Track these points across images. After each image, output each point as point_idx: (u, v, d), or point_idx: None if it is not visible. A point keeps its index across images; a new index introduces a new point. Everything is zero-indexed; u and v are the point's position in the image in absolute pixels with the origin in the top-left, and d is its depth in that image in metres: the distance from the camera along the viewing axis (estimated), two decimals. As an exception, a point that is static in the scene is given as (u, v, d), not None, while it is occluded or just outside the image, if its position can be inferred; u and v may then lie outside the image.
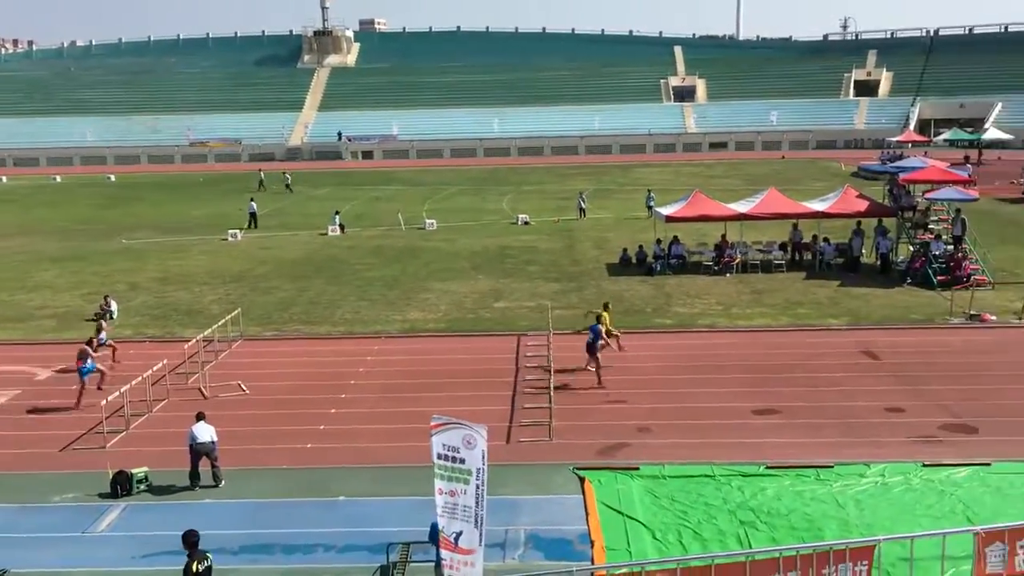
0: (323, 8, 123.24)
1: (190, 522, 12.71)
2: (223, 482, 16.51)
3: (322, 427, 19.46)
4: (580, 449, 17.77)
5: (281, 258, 40.07)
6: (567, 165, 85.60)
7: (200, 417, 16.90)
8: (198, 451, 16.48)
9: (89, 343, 22.76)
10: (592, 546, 13.68)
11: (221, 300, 31.56)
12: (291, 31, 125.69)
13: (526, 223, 48.58)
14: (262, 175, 70.38)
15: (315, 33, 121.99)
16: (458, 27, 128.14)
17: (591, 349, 21.86)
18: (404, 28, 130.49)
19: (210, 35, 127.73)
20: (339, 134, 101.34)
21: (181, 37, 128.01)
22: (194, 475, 16.51)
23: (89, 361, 21.25)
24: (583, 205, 51.05)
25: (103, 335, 24.62)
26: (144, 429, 19.67)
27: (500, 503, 15.06)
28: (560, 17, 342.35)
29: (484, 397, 20.90)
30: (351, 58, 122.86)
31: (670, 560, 11.15)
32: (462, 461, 10.57)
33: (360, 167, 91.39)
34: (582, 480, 16.02)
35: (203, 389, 21.67)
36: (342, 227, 47.26)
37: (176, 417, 19.62)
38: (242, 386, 21.96)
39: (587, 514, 14.73)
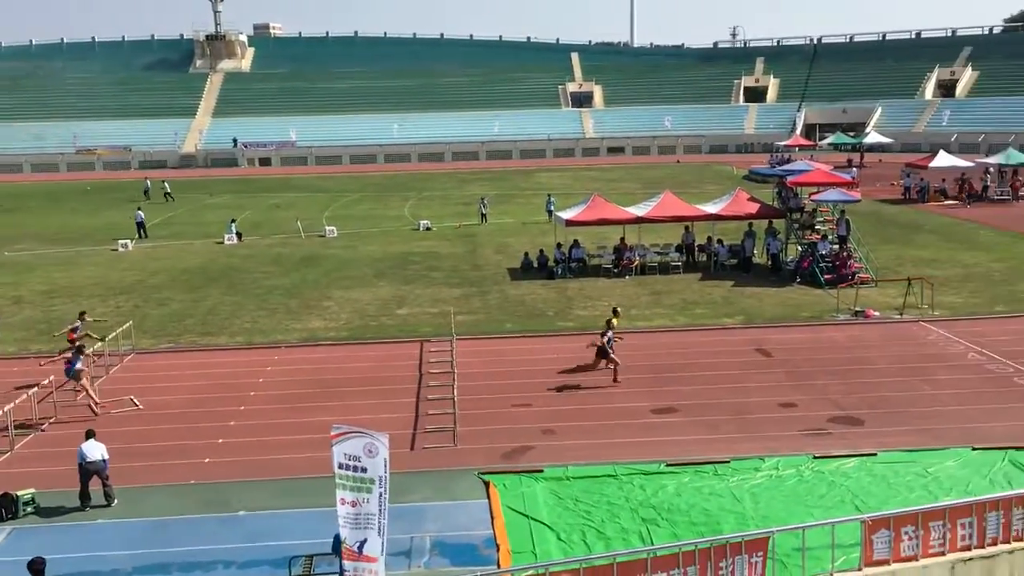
0: (215, 12, 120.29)
1: (81, 544, 12.22)
2: (115, 501, 15.92)
3: (220, 440, 18.98)
4: (485, 453, 17.80)
5: (175, 268, 38.91)
6: (468, 170, 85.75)
7: (90, 435, 16.27)
8: (88, 470, 15.85)
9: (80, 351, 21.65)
10: (498, 550, 13.77)
11: (112, 313, 30.43)
12: (182, 35, 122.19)
13: (428, 229, 48.44)
14: (148, 183, 68.12)
15: (207, 37, 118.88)
16: (355, 32, 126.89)
17: (605, 353, 22.20)
18: (300, 33, 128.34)
19: (96, 39, 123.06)
20: (235, 140, 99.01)
21: (65, 41, 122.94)
22: (84, 495, 15.86)
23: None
24: (484, 210, 51.24)
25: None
26: (30, 449, 18.82)
27: (405, 510, 14.98)
28: (458, 23, 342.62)
29: (387, 405, 20.74)
30: (246, 63, 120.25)
31: (573, 560, 11.28)
32: (364, 470, 10.47)
33: (257, 174, 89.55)
34: (487, 484, 16.12)
35: (93, 406, 20.86)
36: (239, 235, 46.21)
37: (64, 435, 18.85)
38: (135, 401, 21.23)
39: (492, 518, 14.84)
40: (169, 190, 66.73)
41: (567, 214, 36.75)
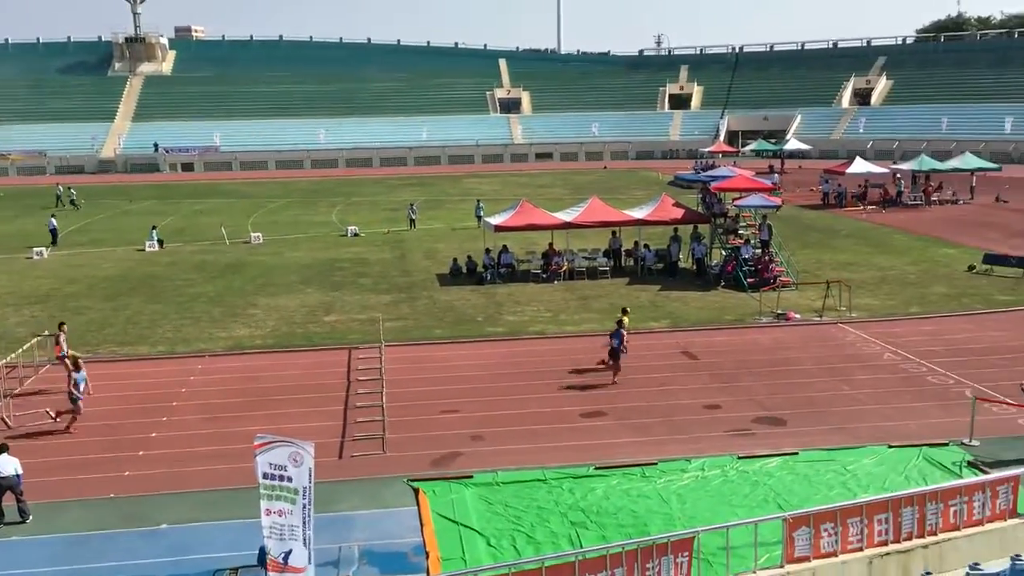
0: (135, 14, 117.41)
1: (-7, 563, 11.79)
2: (30, 517, 15.40)
3: (141, 453, 18.50)
4: (414, 460, 17.72)
5: (94, 276, 37.81)
6: (396, 176, 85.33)
7: (2, 449, 15.71)
8: (1, 486, 15.30)
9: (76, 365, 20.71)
10: (427, 557, 13.66)
11: (27, 323, 29.45)
12: (100, 37, 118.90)
13: (356, 235, 48.04)
14: (59, 190, 65.84)
15: (127, 40, 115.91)
16: (280, 36, 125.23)
17: (616, 354, 22.40)
18: (223, 36, 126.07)
19: (9, 40, 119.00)
20: (155, 145, 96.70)
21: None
22: (-3, 512, 15.32)
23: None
24: (413, 216, 51.04)
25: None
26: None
27: (333, 520, 14.82)
28: (385, 28, 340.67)
29: (315, 413, 20.50)
30: (167, 66, 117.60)
31: (502, 565, 11.28)
32: (289, 480, 10.33)
33: (180, 180, 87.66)
34: (416, 491, 15.97)
35: (6, 419, 20.13)
36: (161, 242, 45.13)
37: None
38: (50, 413, 20.54)
39: (422, 525, 14.70)
40: (75, 197, 64.24)
41: (496, 220, 36.84)
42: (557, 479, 16.32)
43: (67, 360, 21.51)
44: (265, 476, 10.41)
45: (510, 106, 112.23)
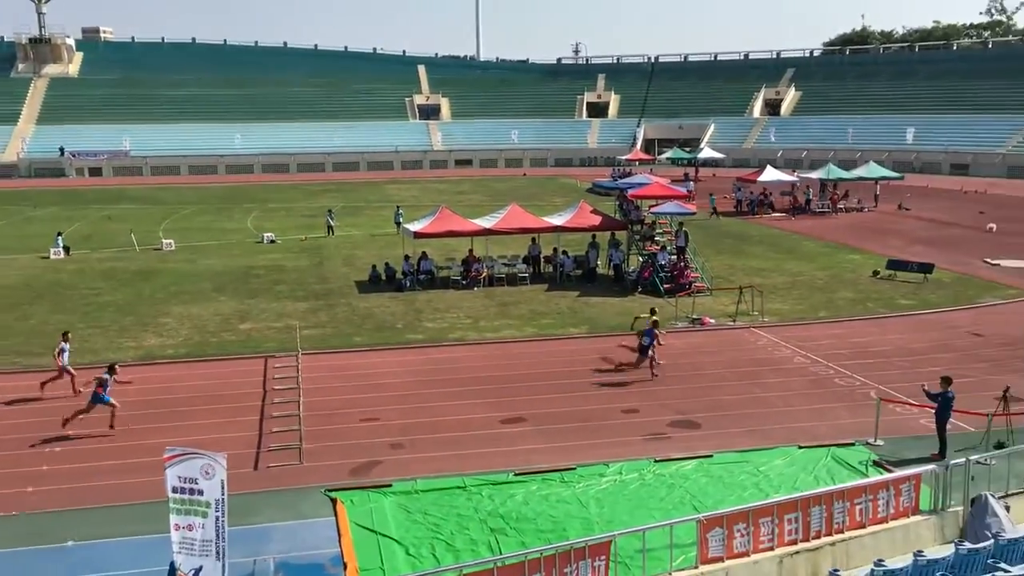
0: (39, 14, 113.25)
1: None
2: (-74, 539, 14.69)
3: (45, 468, 17.83)
4: (332, 470, 17.50)
5: (-6, 285, 36.33)
6: (314, 182, 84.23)
7: None
8: None
9: (111, 370, 20.46)
10: (345, 568, 13.52)
11: (-80, 334, 28.12)
12: (2, 37, 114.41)
13: (272, 242, 47.25)
14: None
15: (31, 40, 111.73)
16: (193, 38, 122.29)
17: (645, 351, 23.18)
18: (133, 38, 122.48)
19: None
20: (61, 149, 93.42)
21: None
22: None
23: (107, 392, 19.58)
24: (332, 222, 50.47)
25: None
26: None
27: (248, 532, 14.53)
28: (302, 32, 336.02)
29: (229, 424, 20.07)
30: (73, 68, 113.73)
31: (421, 575, 11.23)
32: (200, 493, 10.08)
33: (87, 184, 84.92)
34: (334, 501, 15.80)
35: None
36: (67, 249, 43.62)
37: None
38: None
39: (339, 536, 14.55)
40: None
41: (415, 226, 36.69)
42: (477, 486, 16.35)
43: (69, 369, 22.05)
44: (175, 490, 10.14)
45: (429, 112, 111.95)
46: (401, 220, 46.34)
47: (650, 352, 23.37)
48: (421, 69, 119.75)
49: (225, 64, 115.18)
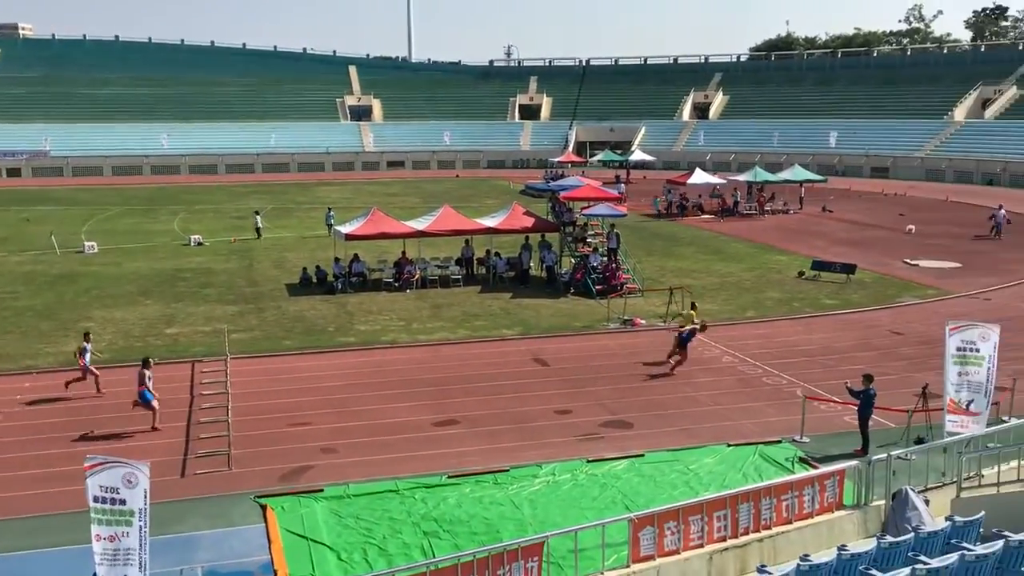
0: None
1: None
2: None
3: (-40, 479, 17.17)
4: (262, 476, 17.20)
5: (-96, 289, 34.88)
6: (243, 183, 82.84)
7: None
8: None
9: (146, 364, 20.27)
10: (275, 575, 13.33)
11: None
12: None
13: (200, 244, 46.31)
14: None
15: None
16: (116, 36, 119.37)
17: (684, 345, 23.99)
18: (54, 35, 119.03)
19: None
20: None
21: None
22: None
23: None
24: (259, 224, 49.67)
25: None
26: None
27: (175, 541, 14.21)
28: (229, 31, 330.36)
29: (154, 431, 19.58)
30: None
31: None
32: (123, 502, 9.80)
33: (5, 185, 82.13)
34: (264, 508, 15.58)
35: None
36: (-18, 252, 42.15)
37: None
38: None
39: (269, 543, 14.35)
40: None
41: (347, 228, 36.33)
42: (409, 489, 16.27)
43: (92, 369, 22.10)
44: (96, 499, 9.84)
45: (361, 114, 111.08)
46: (332, 222, 45.86)
47: (687, 346, 24.28)
48: (352, 70, 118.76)
49: (150, 63, 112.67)
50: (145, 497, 9.88)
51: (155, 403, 19.85)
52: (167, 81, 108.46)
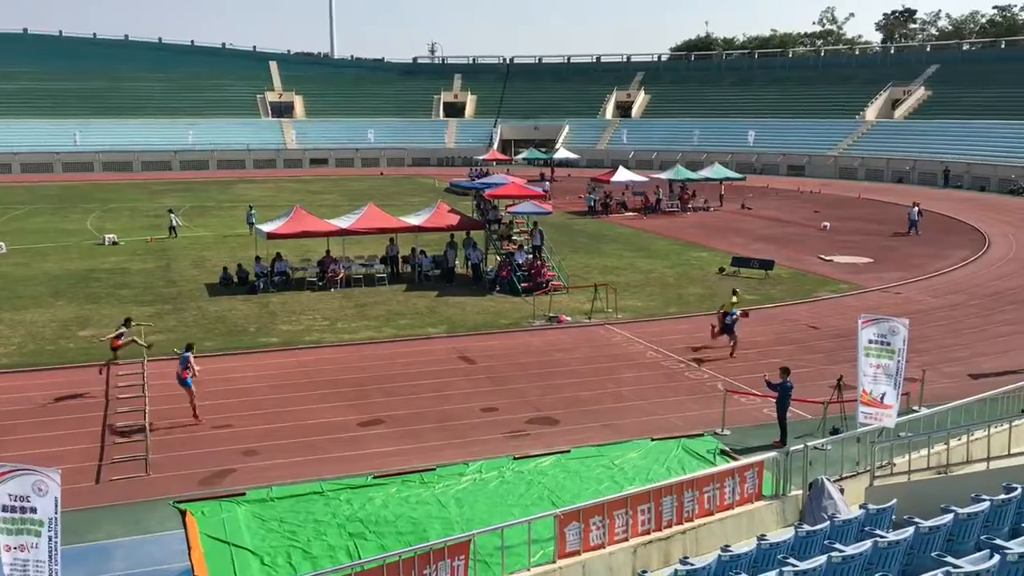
0: None
1: None
2: None
3: None
4: (182, 481, 16.84)
5: None
6: (160, 181, 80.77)
7: None
8: None
9: (189, 348, 20.89)
10: (195, 582, 13.01)
11: None
12: None
13: (115, 243, 45.01)
14: None
15: None
16: (25, 29, 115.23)
17: (730, 330, 25.33)
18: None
19: None
20: None
21: None
22: None
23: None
24: (174, 223, 48.40)
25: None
26: None
27: (90, 550, 13.82)
28: (145, 24, 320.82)
29: (67, 436, 18.99)
30: None
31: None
32: (33, 511, 9.46)
33: (-96, 183, 78.54)
34: (183, 513, 15.18)
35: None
36: None
37: None
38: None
39: (189, 549, 13.99)
40: None
41: (268, 227, 35.73)
42: (334, 491, 16.04)
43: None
44: (5, 508, 9.47)
45: (282, 110, 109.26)
46: (254, 220, 45.04)
47: (734, 331, 25.31)
48: (273, 66, 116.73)
49: (61, 57, 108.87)
50: (56, 506, 9.55)
51: (194, 388, 20.29)
52: (79, 76, 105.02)
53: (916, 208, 49.97)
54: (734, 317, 25.58)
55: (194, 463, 17.73)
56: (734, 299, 26.62)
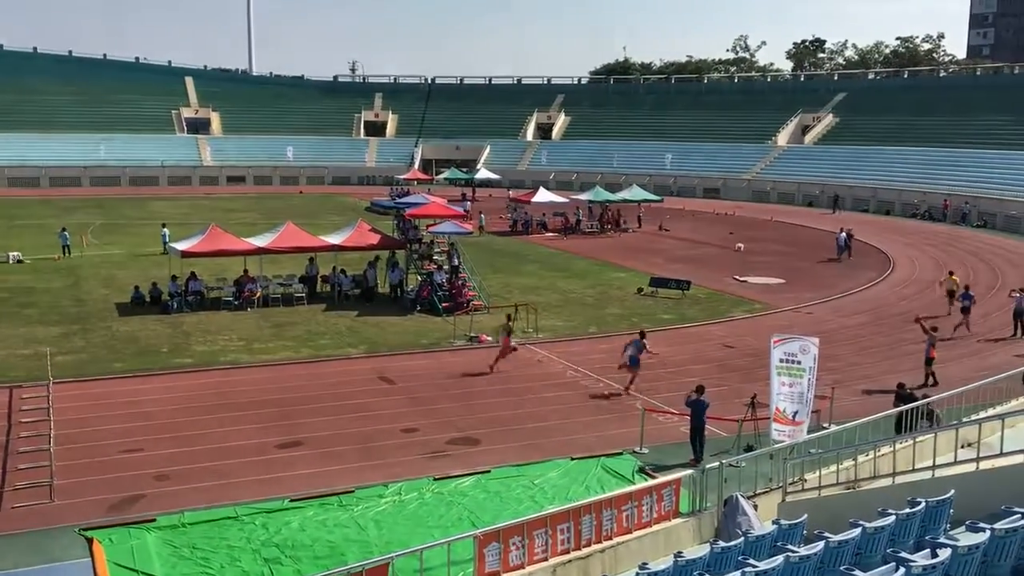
0: None
1: None
2: None
3: None
4: (89, 507, 16.26)
5: None
6: (69, 197, 78.15)
7: None
8: None
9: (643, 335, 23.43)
10: (103, 613, 12.59)
11: None
12: None
13: (19, 261, 43.38)
14: None
15: None
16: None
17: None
18: None
19: None
20: None
21: None
22: None
23: None
24: (67, 243, 46.42)
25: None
26: None
27: (-11, 583, 13.20)
28: (53, 36, 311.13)
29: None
30: None
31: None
32: None
33: None
34: (90, 541, 14.67)
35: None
36: None
37: None
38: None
39: (96, 578, 13.52)
40: None
41: (183, 245, 34.94)
42: (250, 515, 15.71)
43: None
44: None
45: (198, 126, 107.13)
46: (167, 239, 43.89)
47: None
48: (189, 81, 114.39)
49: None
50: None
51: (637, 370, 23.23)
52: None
53: (844, 233, 51.28)
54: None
55: (102, 489, 17.14)
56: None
